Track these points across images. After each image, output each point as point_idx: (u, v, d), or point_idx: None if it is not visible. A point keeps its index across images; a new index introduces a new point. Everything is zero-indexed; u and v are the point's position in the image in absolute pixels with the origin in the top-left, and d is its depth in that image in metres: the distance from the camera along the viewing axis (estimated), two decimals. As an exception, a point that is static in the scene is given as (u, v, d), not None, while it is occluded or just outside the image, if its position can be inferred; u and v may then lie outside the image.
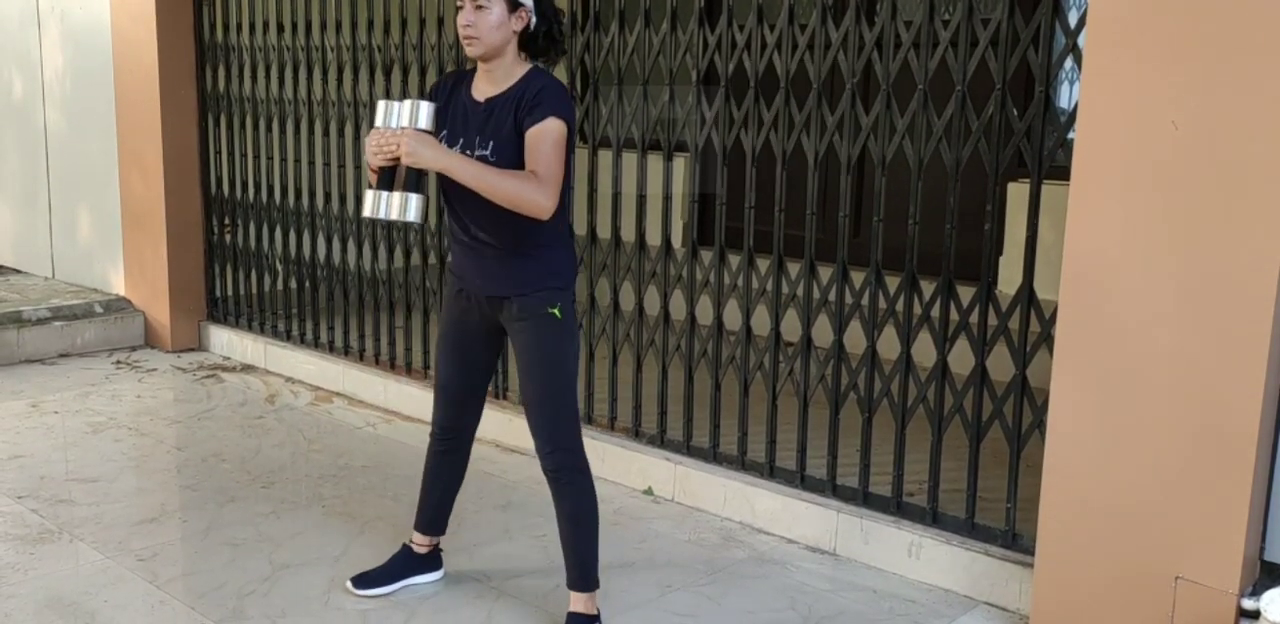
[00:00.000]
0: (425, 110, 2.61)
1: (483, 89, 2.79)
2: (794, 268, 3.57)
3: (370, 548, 3.36)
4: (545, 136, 2.65)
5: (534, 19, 2.75)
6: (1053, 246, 3.00)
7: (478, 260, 2.83)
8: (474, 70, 2.84)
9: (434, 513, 3.15)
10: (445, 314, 3.01)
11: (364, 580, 3.12)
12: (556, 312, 2.79)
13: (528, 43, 2.78)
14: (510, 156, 2.69)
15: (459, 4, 2.72)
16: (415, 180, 2.62)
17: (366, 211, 2.64)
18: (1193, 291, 2.57)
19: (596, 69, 3.97)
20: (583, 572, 2.89)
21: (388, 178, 2.63)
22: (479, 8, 2.69)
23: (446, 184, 2.72)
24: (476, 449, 3.18)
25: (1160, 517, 2.67)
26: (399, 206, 2.60)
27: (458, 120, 2.78)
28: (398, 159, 2.59)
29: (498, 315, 2.86)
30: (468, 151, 2.72)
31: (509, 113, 2.70)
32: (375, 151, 2.62)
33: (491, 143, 2.71)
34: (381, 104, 2.64)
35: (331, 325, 5.24)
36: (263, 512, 3.68)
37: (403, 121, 2.59)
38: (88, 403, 4.85)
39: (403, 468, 4.06)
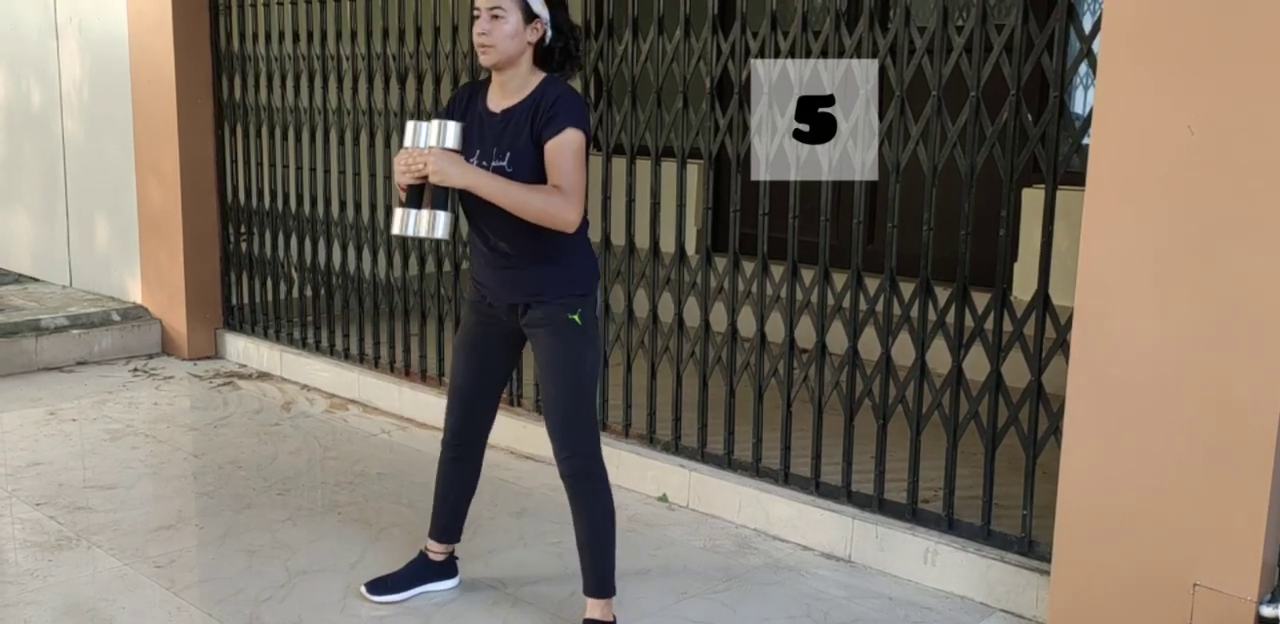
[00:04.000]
0: (452, 130, 2.67)
1: (498, 100, 2.81)
2: (808, 274, 3.56)
3: (386, 555, 3.37)
4: (565, 148, 2.68)
5: (549, 32, 2.78)
6: (1068, 252, 2.99)
7: (497, 269, 2.85)
8: (488, 81, 2.86)
9: (448, 520, 3.15)
10: (465, 319, 3.03)
11: (379, 586, 3.12)
12: (576, 318, 2.81)
13: (543, 57, 2.80)
14: (528, 167, 2.71)
15: (475, 13, 2.75)
16: (443, 198, 2.69)
17: (395, 229, 2.72)
18: (1209, 296, 2.56)
19: (610, 76, 3.98)
20: (599, 577, 2.89)
21: (416, 196, 2.70)
22: (495, 17, 2.71)
23: (465, 195, 2.74)
24: (490, 456, 3.19)
25: (1178, 523, 2.65)
26: (427, 224, 2.69)
27: (474, 132, 2.81)
28: (425, 178, 2.65)
29: (518, 322, 2.87)
30: (484, 163, 2.75)
31: (525, 123, 2.73)
32: (403, 170, 2.67)
33: (509, 154, 2.74)
34: (410, 124, 2.70)
35: (347, 333, 5.25)
36: (279, 518, 3.69)
37: (430, 141, 2.66)
38: (105, 410, 4.88)
39: (418, 475, 4.06)
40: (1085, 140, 2.84)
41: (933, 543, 3.26)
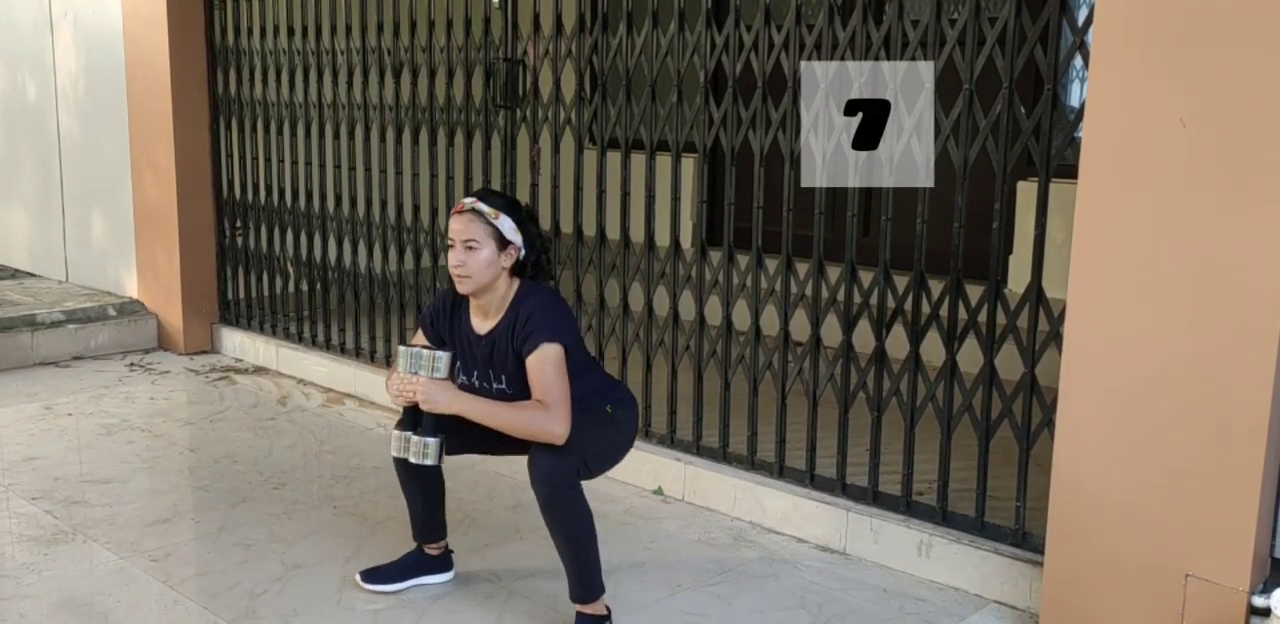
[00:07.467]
0: (442, 360, 2.80)
1: (480, 322, 2.92)
2: (802, 268, 3.57)
3: (381, 548, 3.37)
4: (543, 365, 2.77)
5: (524, 252, 2.87)
6: (1062, 245, 3.00)
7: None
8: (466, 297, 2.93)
9: (425, 523, 3.13)
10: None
11: (374, 576, 3.14)
12: (609, 409, 2.92)
13: (517, 271, 2.89)
14: (525, 385, 2.81)
15: (449, 243, 2.84)
16: (433, 421, 2.82)
17: (393, 451, 2.91)
18: (1202, 289, 2.56)
19: (605, 70, 3.98)
20: (583, 584, 2.86)
21: (410, 417, 2.88)
22: (469, 248, 2.80)
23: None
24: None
25: (1170, 514, 2.66)
26: (417, 453, 2.85)
27: (465, 352, 2.93)
28: (416, 403, 2.79)
29: None
30: (485, 384, 2.89)
31: (508, 346, 2.84)
32: (396, 395, 2.82)
33: (504, 376, 2.86)
34: (402, 350, 2.84)
35: (343, 327, 5.26)
36: (275, 512, 3.70)
37: (420, 371, 2.80)
38: (101, 405, 4.88)
39: (414, 469, 4.07)
40: (1078, 133, 2.84)
41: (927, 535, 3.27)
